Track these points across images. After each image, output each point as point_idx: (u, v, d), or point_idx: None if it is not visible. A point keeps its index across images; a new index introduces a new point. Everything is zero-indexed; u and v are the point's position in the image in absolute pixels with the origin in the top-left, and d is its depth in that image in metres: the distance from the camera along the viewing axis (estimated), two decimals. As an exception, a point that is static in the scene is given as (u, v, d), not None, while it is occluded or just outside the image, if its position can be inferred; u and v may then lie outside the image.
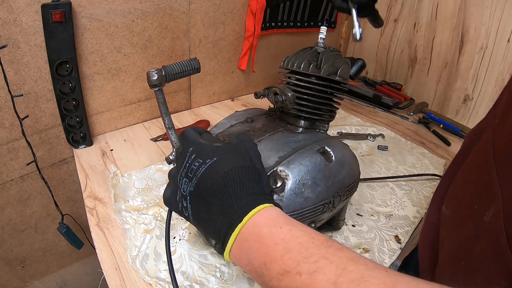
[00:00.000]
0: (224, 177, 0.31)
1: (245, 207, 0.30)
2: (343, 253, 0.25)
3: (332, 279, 0.22)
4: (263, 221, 0.29)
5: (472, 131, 0.45)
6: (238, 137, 0.37)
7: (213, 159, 0.32)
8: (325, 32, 0.52)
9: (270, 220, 0.29)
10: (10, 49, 0.57)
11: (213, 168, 0.32)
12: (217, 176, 0.31)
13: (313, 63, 0.49)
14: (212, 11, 0.83)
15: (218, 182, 0.31)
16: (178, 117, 0.89)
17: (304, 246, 0.25)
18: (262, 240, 0.27)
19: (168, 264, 0.38)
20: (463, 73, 0.97)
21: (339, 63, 0.49)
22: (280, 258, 0.25)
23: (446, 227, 0.41)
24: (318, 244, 0.26)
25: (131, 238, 0.50)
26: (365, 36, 1.23)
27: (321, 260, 0.24)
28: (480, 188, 0.35)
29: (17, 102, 0.61)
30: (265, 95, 0.51)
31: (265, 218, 0.29)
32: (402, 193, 0.67)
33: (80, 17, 0.63)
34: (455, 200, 0.42)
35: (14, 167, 0.67)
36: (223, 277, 0.46)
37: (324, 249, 0.25)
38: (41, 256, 0.82)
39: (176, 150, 0.41)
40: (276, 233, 0.27)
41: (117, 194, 0.59)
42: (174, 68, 0.51)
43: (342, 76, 0.50)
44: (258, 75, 1.06)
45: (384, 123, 0.97)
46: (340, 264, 0.23)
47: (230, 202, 0.30)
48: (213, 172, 0.32)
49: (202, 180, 0.32)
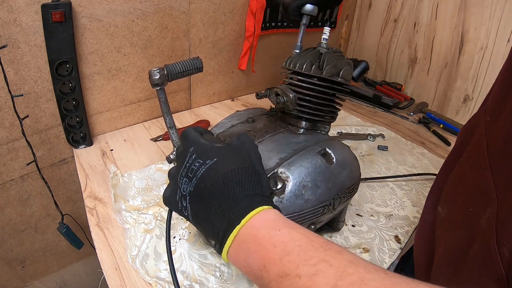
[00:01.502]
0: (223, 178, 0.31)
1: (243, 209, 0.29)
2: (343, 255, 0.25)
3: (332, 282, 0.22)
4: (261, 223, 0.29)
5: (464, 128, 0.44)
6: (239, 138, 0.37)
7: (213, 160, 0.32)
8: (328, 33, 0.52)
9: (268, 222, 0.29)
10: (10, 49, 0.57)
11: (213, 169, 0.32)
12: (217, 177, 0.31)
13: (316, 64, 0.49)
14: (212, 11, 0.83)
15: (218, 183, 0.31)
16: (178, 117, 0.89)
17: (303, 249, 0.25)
18: (261, 242, 0.27)
19: (169, 264, 0.38)
20: (463, 73, 0.97)
21: (342, 64, 0.49)
22: (279, 260, 0.25)
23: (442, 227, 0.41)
24: (317, 247, 0.26)
25: (131, 237, 0.50)
26: (365, 36, 1.23)
27: (320, 263, 0.24)
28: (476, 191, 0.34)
29: (17, 102, 0.61)
30: (267, 95, 0.51)
31: (264, 220, 0.29)
32: (402, 193, 0.67)
33: (80, 17, 0.63)
34: (450, 201, 0.42)
35: (14, 167, 0.67)
36: (223, 276, 0.46)
37: (323, 251, 0.25)
38: (41, 256, 0.82)
39: (177, 149, 0.41)
40: (275, 235, 0.27)
41: (117, 194, 0.59)
42: (176, 67, 0.51)
43: (344, 77, 0.49)
44: (258, 75, 1.06)
45: (384, 123, 0.97)
46: (339, 267, 0.23)
47: (229, 203, 0.30)
48: (213, 173, 0.32)
49: (202, 181, 0.32)
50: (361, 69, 0.53)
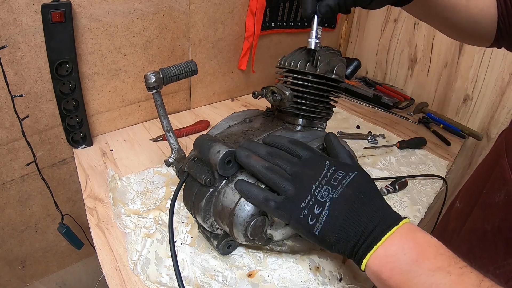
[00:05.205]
0: (370, 186, 0.36)
1: (395, 214, 0.34)
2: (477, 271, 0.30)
3: (476, 283, 0.27)
4: (414, 227, 0.33)
5: None
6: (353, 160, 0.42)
7: (355, 172, 0.36)
8: (320, 31, 0.53)
9: (419, 228, 0.33)
10: (10, 49, 0.57)
11: (358, 180, 0.36)
12: (364, 187, 0.35)
13: (310, 62, 0.49)
14: (212, 11, 0.83)
15: (367, 191, 0.35)
16: (178, 117, 0.89)
17: (451, 255, 0.30)
18: (417, 240, 0.31)
19: (175, 268, 0.38)
20: (463, 73, 0.97)
21: (335, 61, 0.50)
22: (433, 257, 0.30)
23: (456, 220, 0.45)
24: (457, 256, 0.30)
25: (131, 242, 0.49)
26: (365, 36, 1.23)
27: (465, 268, 0.28)
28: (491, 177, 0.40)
29: (17, 102, 0.61)
30: (263, 94, 0.51)
31: (415, 227, 0.33)
32: (402, 193, 0.67)
33: (80, 17, 0.63)
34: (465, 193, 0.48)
35: (14, 168, 0.67)
36: (226, 281, 0.46)
37: (464, 261, 0.30)
38: (41, 256, 0.82)
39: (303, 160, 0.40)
40: (429, 238, 0.32)
41: (116, 198, 0.58)
42: (172, 70, 0.51)
43: (338, 74, 0.50)
44: (258, 75, 1.06)
45: (384, 123, 0.97)
46: (478, 276, 0.28)
47: (382, 209, 0.34)
48: (360, 183, 0.36)
49: (350, 189, 0.35)
50: (353, 67, 0.54)
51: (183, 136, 0.80)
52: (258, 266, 0.48)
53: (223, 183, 0.43)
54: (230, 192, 0.42)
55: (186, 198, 0.46)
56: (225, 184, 0.43)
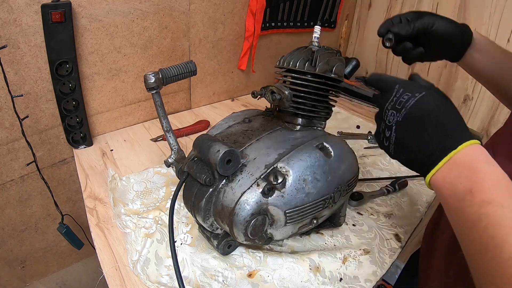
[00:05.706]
0: (437, 108, 0.35)
1: (458, 137, 0.32)
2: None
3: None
4: (477, 154, 0.31)
5: None
6: None
7: (422, 93, 0.36)
8: (319, 31, 0.53)
9: (482, 156, 0.31)
10: (10, 49, 0.57)
11: (423, 100, 0.35)
12: (429, 107, 0.35)
13: (308, 62, 0.49)
14: (212, 11, 0.83)
15: (431, 112, 0.34)
16: (178, 117, 0.89)
17: (510, 188, 0.29)
18: (474, 170, 0.30)
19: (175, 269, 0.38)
20: (463, 73, 0.97)
21: (334, 61, 0.50)
22: (488, 189, 0.29)
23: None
24: None
25: (131, 242, 0.49)
26: (365, 36, 1.23)
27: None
28: None
29: (17, 102, 0.61)
30: (262, 94, 0.51)
31: (478, 154, 0.31)
32: (402, 193, 0.67)
33: (80, 17, 0.63)
34: None
35: (14, 168, 0.67)
36: (226, 281, 0.46)
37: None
38: (41, 256, 0.82)
39: (377, 94, 0.43)
40: (488, 168, 0.30)
41: (116, 198, 0.58)
42: (171, 71, 0.52)
43: (337, 73, 0.50)
44: (258, 75, 1.06)
45: (384, 123, 0.97)
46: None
47: (442, 131, 0.33)
48: (425, 103, 0.35)
49: (413, 111, 0.35)
50: (352, 66, 0.54)
51: (183, 136, 0.80)
52: (258, 266, 0.48)
53: (223, 183, 0.43)
54: (230, 191, 0.42)
55: (186, 198, 0.46)
56: (225, 183, 0.43)
